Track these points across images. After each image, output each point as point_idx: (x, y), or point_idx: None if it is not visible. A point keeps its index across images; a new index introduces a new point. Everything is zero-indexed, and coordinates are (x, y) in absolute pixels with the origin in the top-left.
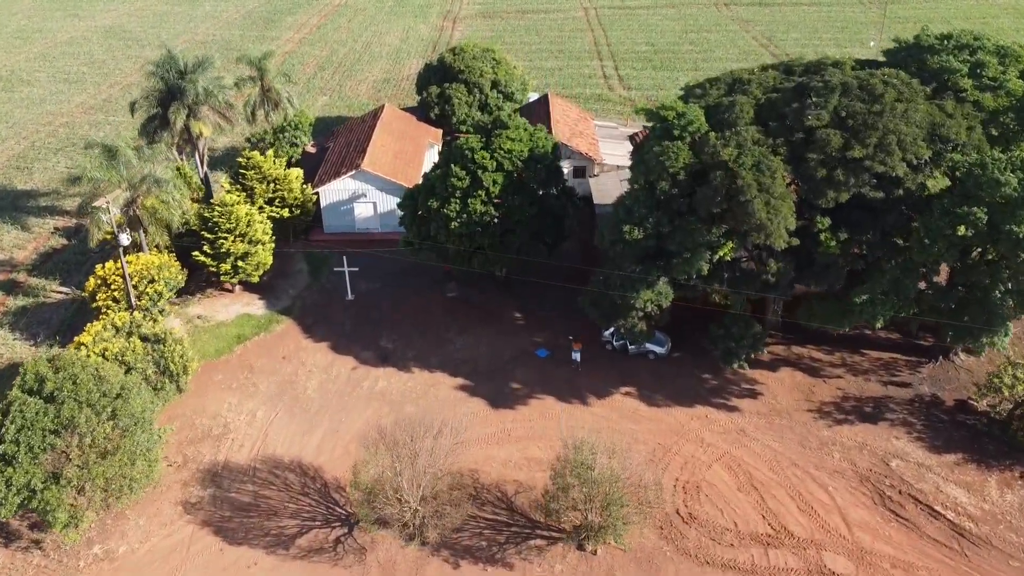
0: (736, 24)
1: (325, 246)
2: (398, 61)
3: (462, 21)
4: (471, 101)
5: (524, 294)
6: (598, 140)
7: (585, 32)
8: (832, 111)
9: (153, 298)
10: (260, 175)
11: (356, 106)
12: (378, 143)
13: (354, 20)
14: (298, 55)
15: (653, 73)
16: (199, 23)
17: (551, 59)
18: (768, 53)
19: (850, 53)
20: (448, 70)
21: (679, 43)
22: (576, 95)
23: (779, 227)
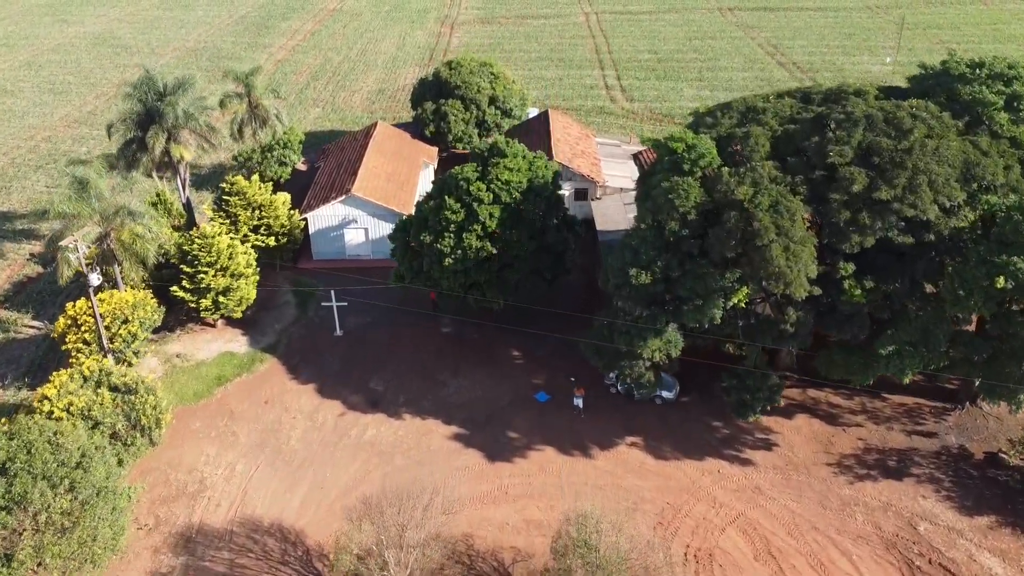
0: (741, 31)
1: (314, 274)
2: (393, 70)
3: (460, 27)
4: (468, 118)
5: (522, 330)
6: (600, 160)
7: (586, 39)
8: (856, 147)
9: (127, 340)
10: (244, 201)
11: (349, 119)
12: (370, 164)
13: (349, 26)
14: (291, 63)
15: (656, 83)
16: (191, 29)
17: (551, 68)
18: (775, 62)
19: (859, 61)
20: (444, 85)
21: (683, 51)
22: (577, 107)
23: (799, 275)
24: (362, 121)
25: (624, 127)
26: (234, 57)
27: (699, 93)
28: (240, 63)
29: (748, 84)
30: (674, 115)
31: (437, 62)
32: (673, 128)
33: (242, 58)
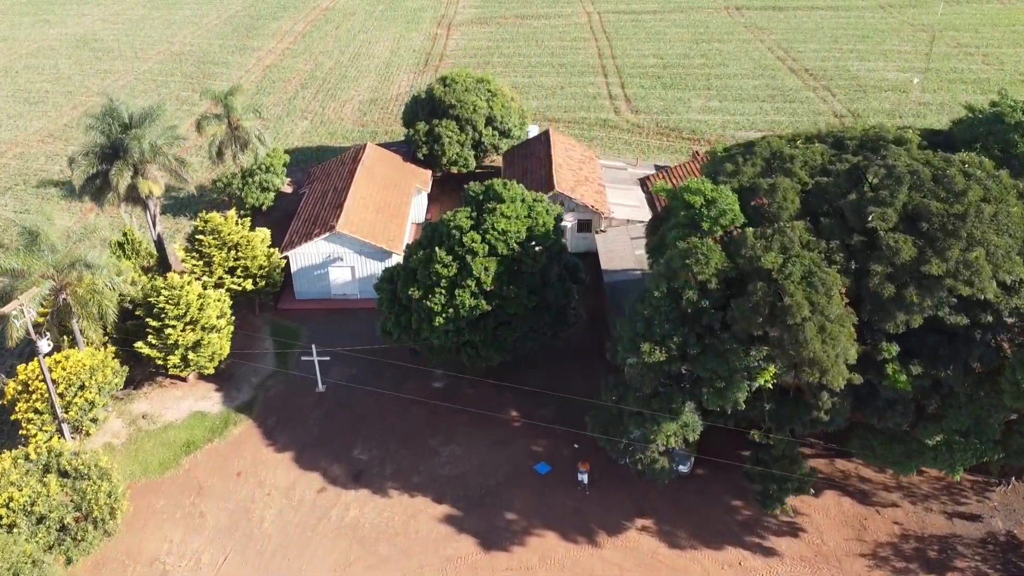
0: (749, 32)
1: (297, 317)
2: (387, 77)
3: (457, 28)
4: (463, 140)
5: (521, 386)
6: (605, 186)
7: (588, 42)
8: (901, 209)
9: (84, 408)
10: (219, 241)
11: (339, 134)
12: (357, 194)
13: (342, 27)
14: (279, 69)
15: (663, 92)
16: (177, 30)
17: (552, 74)
18: (785, 68)
19: (873, 67)
20: (437, 104)
21: (689, 55)
22: (579, 120)
23: (837, 362)
24: (352, 136)
25: (629, 143)
26: (220, 62)
27: (707, 104)
28: (227, 69)
29: (759, 93)
30: (681, 129)
31: (432, 68)
32: (681, 144)
33: (228, 63)
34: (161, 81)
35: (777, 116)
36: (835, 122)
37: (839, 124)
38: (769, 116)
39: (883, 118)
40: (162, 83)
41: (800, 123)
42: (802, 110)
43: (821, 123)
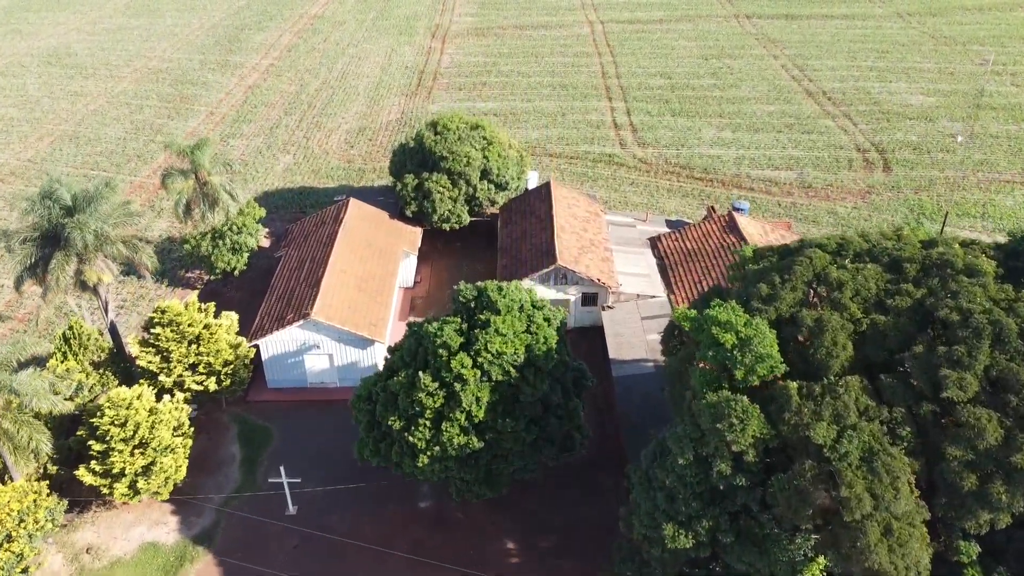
0: (761, 46)
1: (267, 411)
2: (376, 101)
3: (452, 41)
4: (456, 195)
5: (520, 509)
6: (612, 250)
7: (591, 58)
8: (981, 373)
9: (11, 563)
10: (178, 333)
11: (324, 171)
12: (337, 267)
13: (330, 39)
14: (262, 91)
15: (671, 121)
16: (155, 43)
17: (553, 97)
18: (802, 90)
19: (895, 90)
20: (428, 154)
21: (698, 74)
22: (582, 155)
23: (907, 575)
24: (337, 174)
25: (637, 184)
26: (199, 82)
27: (720, 135)
28: (206, 90)
29: (774, 121)
30: (693, 166)
31: (425, 89)
32: (693, 185)
33: (208, 83)
34: (135, 105)
35: (795, 150)
36: (858, 158)
37: (868, 176)
38: (787, 150)
39: (909, 154)
40: (136, 108)
41: (820, 159)
42: (821, 143)
43: (842, 159)
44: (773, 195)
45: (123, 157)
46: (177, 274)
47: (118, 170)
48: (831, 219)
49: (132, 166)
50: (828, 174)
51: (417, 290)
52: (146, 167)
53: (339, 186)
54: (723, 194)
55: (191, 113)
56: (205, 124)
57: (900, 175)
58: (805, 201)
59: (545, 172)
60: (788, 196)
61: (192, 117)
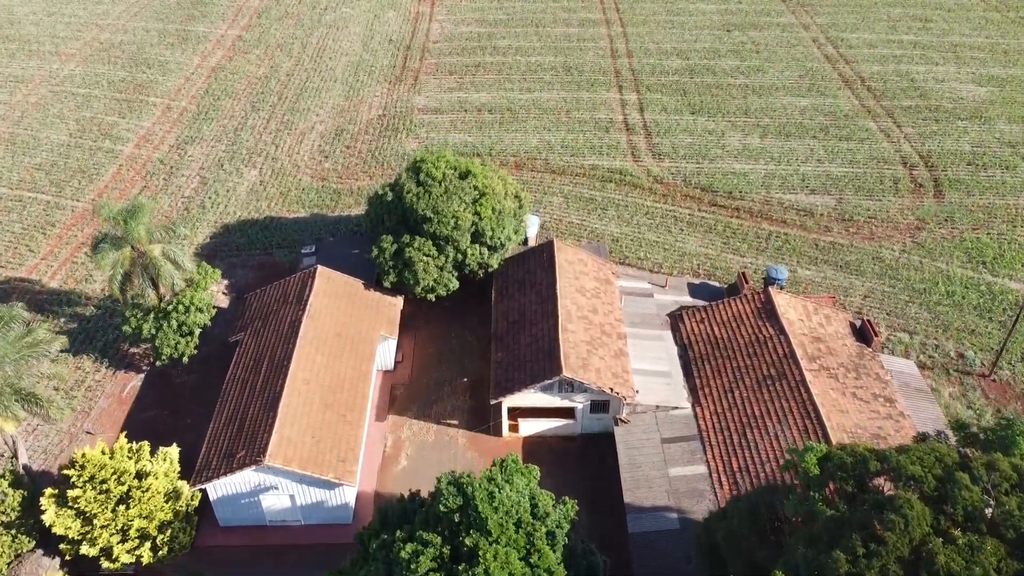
0: (789, 11)
1: (220, 558)
2: (356, 89)
3: (442, 2)
4: (443, 263)
5: None
6: (626, 339)
7: (599, 27)
8: None
9: None
10: (102, 490)
11: (293, 193)
12: (298, 380)
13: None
14: (228, 73)
15: (690, 121)
16: (110, 5)
17: (556, 85)
18: (836, 74)
19: (943, 74)
20: (409, 211)
21: (719, 52)
22: (590, 171)
23: None
24: (309, 200)
25: (652, 213)
26: (157, 62)
27: (745, 141)
28: (163, 74)
29: (807, 122)
30: (716, 188)
31: (411, 75)
32: (717, 217)
33: (167, 63)
34: (82, 97)
35: (832, 165)
36: (904, 177)
37: (917, 203)
38: (823, 165)
39: (963, 171)
40: (83, 100)
41: (864, 179)
42: (862, 154)
43: (887, 178)
44: (809, 231)
45: (65, 171)
46: (120, 349)
47: (59, 191)
48: (877, 267)
49: (76, 185)
50: (871, 200)
51: (398, 373)
52: (92, 186)
53: (311, 215)
54: (751, 229)
55: (145, 108)
56: (161, 123)
57: (954, 202)
58: (846, 240)
59: (548, 202)
60: (826, 233)
61: (146, 113)
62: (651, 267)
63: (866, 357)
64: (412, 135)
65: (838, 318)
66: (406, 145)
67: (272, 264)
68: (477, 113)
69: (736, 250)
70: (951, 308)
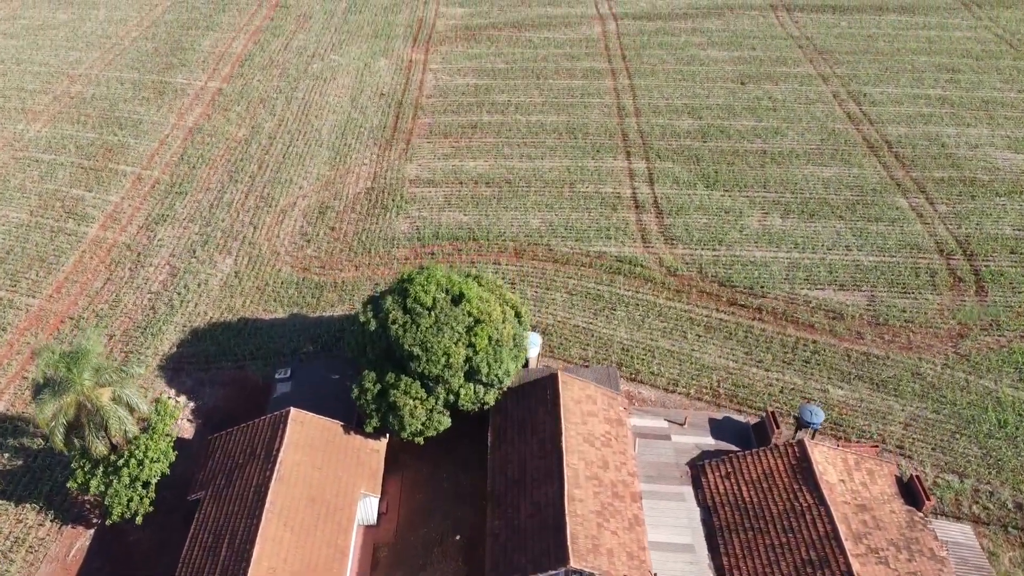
0: (807, 59)
1: None
2: (343, 155)
3: (437, 47)
4: (432, 405)
5: None
6: (641, 498)
7: (604, 78)
8: None
9: None
10: None
11: (271, 289)
12: (263, 569)
13: (292, 44)
14: (205, 137)
15: (704, 196)
16: (83, 52)
17: (559, 150)
18: (861, 137)
19: (975, 138)
20: (394, 343)
21: (734, 109)
22: (595, 259)
23: None
24: (287, 297)
25: (664, 315)
26: (131, 120)
27: (765, 223)
28: (136, 137)
29: (831, 197)
30: (735, 281)
31: (403, 136)
32: (738, 319)
33: (141, 121)
34: (47, 165)
35: (861, 253)
36: (942, 268)
37: (958, 302)
38: (851, 253)
39: (1006, 260)
40: (47, 168)
41: (897, 271)
42: (894, 238)
43: (922, 269)
44: (840, 338)
45: (23, 260)
46: (68, 494)
47: (13, 285)
48: (917, 386)
49: (33, 277)
50: (906, 297)
51: (382, 529)
52: (50, 278)
53: (289, 316)
54: (775, 336)
55: (114, 179)
56: (131, 197)
57: (998, 300)
58: (880, 350)
59: (551, 300)
60: (858, 340)
61: (115, 185)
62: (666, 384)
63: (917, 527)
64: (403, 214)
65: (883, 473)
66: (396, 226)
67: (245, 381)
68: (473, 186)
69: (760, 362)
70: (1004, 442)
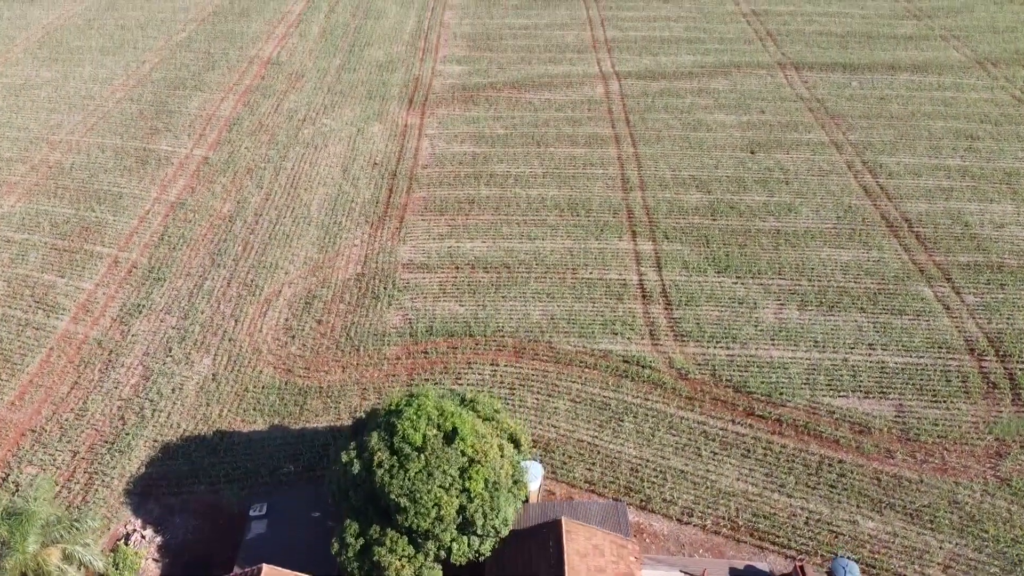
0: (818, 124)
1: None
2: (333, 235)
3: (433, 109)
4: (421, 562)
5: None
6: None
7: (607, 146)
8: None
9: None
10: None
11: (251, 394)
12: None
13: (283, 106)
14: (188, 214)
15: (716, 284)
16: (65, 115)
17: (560, 229)
18: (879, 213)
19: (1001, 215)
20: (379, 491)
21: (744, 182)
22: (599, 359)
23: None
24: (270, 400)
25: (676, 429)
26: (111, 193)
27: (782, 315)
28: (115, 213)
29: (852, 286)
30: (751, 387)
31: (397, 212)
32: (756, 432)
33: (121, 196)
34: (18, 247)
35: (886, 353)
36: (973, 372)
37: (992, 412)
38: (876, 353)
39: None
40: (19, 251)
41: (925, 374)
42: (920, 334)
43: (953, 372)
44: (867, 457)
45: None
46: None
47: None
48: (956, 517)
49: None
50: (937, 407)
51: None
52: (14, 382)
53: (270, 428)
54: (797, 454)
55: (89, 262)
56: (105, 284)
57: None
58: (913, 471)
59: (554, 410)
60: (888, 460)
61: (90, 270)
62: (679, 513)
63: None
64: (395, 304)
65: None
66: (387, 319)
67: (218, 510)
68: (470, 271)
69: (782, 487)
70: None
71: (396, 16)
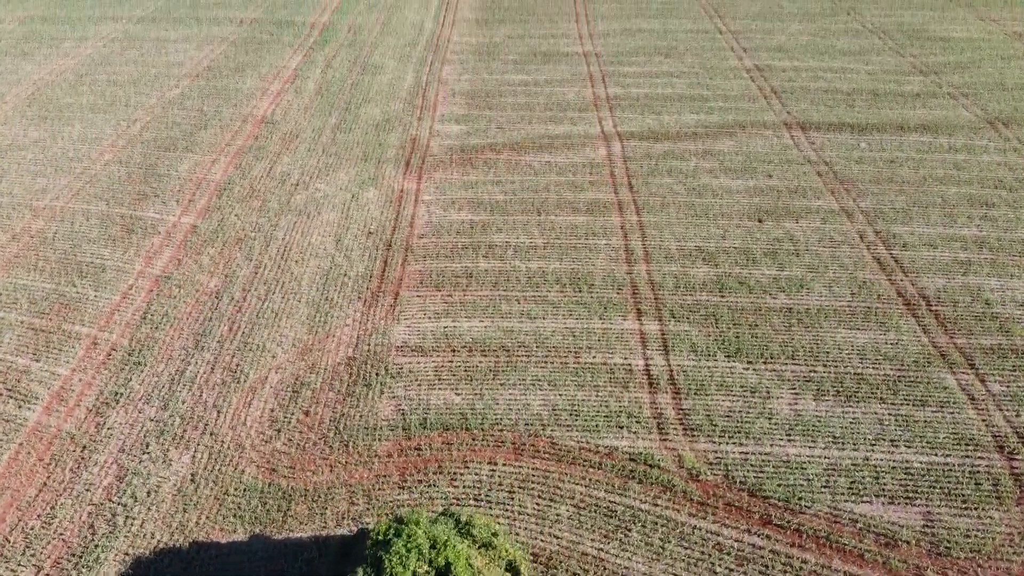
0: (828, 190)
1: None
2: (324, 313)
3: (431, 173)
4: None
5: None
6: None
7: (610, 214)
8: None
9: None
10: None
11: (232, 498)
12: None
13: (275, 169)
14: (172, 289)
15: (726, 370)
16: (51, 178)
17: (561, 307)
18: (895, 289)
19: (1018, 291)
20: None
21: (752, 255)
22: (603, 458)
23: None
24: (251, 504)
25: (689, 542)
26: (94, 265)
27: (798, 406)
28: (96, 288)
29: (870, 373)
30: (767, 492)
31: (391, 289)
32: (773, 544)
33: (104, 268)
34: None
35: (910, 451)
36: (1004, 475)
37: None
38: (899, 450)
39: None
40: None
41: (953, 476)
42: (945, 429)
43: (982, 474)
44: (895, 575)
45: None
46: None
47: None
48: None
49: None
50: (967, 514)
51: None
52: None
53: (250, 537)
54: (819, 568)
55: (67, 344)
56: (82, 369)
57: None
58: None
59: (556, 517)
60: None
61: (67, 353)
62: None
63: None
64: (387, 392)
65: None
66: (379, 410)
67: None
68: (467, 355)
69: None
70: None
71: (394, 71)
